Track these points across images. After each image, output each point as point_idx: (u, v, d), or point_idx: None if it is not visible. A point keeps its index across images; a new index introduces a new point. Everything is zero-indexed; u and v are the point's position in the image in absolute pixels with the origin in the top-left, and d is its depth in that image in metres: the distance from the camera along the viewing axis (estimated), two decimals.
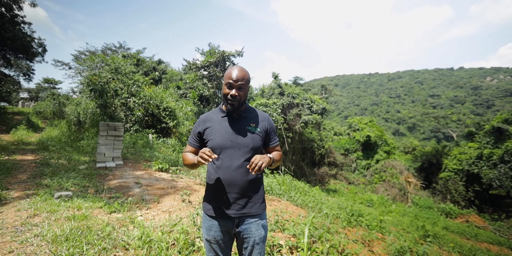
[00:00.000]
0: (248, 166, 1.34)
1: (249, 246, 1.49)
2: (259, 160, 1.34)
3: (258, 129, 1.54)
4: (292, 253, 2.91)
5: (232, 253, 1.65)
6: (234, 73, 1.43)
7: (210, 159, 1.31)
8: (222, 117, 1.55)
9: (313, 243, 3.19)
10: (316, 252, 2.87)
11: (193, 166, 1.50)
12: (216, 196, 1.49)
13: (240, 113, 1.55)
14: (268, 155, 1.46)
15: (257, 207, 1.51)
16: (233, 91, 1.43)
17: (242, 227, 1.48)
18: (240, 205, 1.46)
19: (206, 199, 1.55)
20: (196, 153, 1.61)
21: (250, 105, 1.63)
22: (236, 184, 1.45)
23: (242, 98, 1.47)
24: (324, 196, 7.94)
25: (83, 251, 2.30)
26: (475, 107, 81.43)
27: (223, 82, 1.50)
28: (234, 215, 1.46)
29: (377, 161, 24.87)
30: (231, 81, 1.42)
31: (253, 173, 1.33)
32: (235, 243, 1.60)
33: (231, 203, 1.46)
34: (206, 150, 1.33)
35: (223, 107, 1.58)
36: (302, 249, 2.80)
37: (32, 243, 2.38)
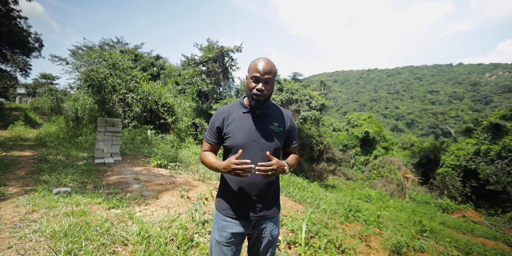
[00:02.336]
0: (257, 168, 1.24)
1: (263, 246, 1.47)
2: (274, 168, 1.25)
3: (281, 129, 1.45)
4: (290, 248, 2.93)
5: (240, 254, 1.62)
6: (260, 65, 1.31)
7: (250, 171, 1.22)
8: (244, 112, 1.43)
9: (311, 238, 3.21)
10: (314, 247, 2.90)
11: (217, 171, 1.35)
12: (234, 197, 1.42)
13: (263, 110, 1.44)
14: (286, 165, 1.33)
15: (274, 209, 1.47)
16: (260, 85, 1.31)
17: (258, 227, 1.44)
18: (259, 208, 1.41)
19: (222, 198, 1.47)
20: (214, 150, 1.52)
21: (272, 101, 1.53)
22: (256, 186, 1.38)
23: (268, 93, 1.35)
24: (322, 192, 7.99)
25: (82, 246, 2.31)
26: (473, 103, 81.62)
27: (247, 75, 1.39)
28: (253, 217, 1.40)
29: (376, 157, 24.98)
30: (257, 74, 1.31)
31: (256, 172, 1.25)
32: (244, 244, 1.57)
33: (250, 205, 1.39)
34: (239, 162, 1.21)
35: (245, 102, 1.46)
36: (300, 244, 2.82)
37: (31, 239, 2.39)
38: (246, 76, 1.40)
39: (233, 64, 17.31)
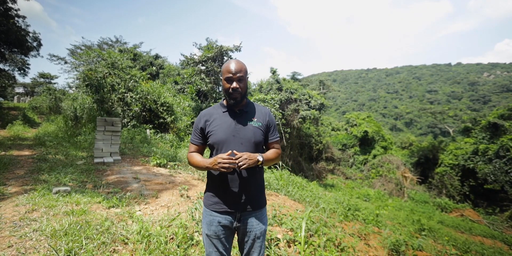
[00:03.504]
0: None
1: (250, 240, 1.51)
2: (245, 159, 1.33)
3: (260, 124, 1.53)
4: (289, 246, 2.95)
5: (231, 247, 1.65)
6: (231, 66, 1.42)
7: (235, 165, 1.31)
8: (224, 112, 1.54)
9: (310, 236, 3.23)
10: (313, 246, 2.91)
11: (204, 169, 1.44)
12: (218, 191, 1.48)
13: (241, 107, 1.54)
14: (258, 156, 1.41)
15: (259, 201, 1.52)
16: (234, 84, 1.42)
17: (244, 221, 1.49)
18: (243, 200, 1.46)
19: (208, 193, 1.54)
20: (200, 151, 1.60)
21: (249, 99, 1.62)
22: (239, 180, 1.44)
23: (243, 90, 1.46)
24: (322, 191, 8.02)
25: (82, 245, 2.32)
26: (471, 102, 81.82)
27: (221, 78, 1.49)
28: (238, 211, 1.46)
29: (374, 156, 25.04)
30: (230, 74, 1.42)
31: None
32: (235, 238, 1.61)
33: (234, 198, 1.45)
34: (226, 156, 1.31)
35: (224, 102, 1.56)
36: (300, 243, 2.83)
37: (31, 238, 2.39)
38: (221, 79, 1.51)
39: None
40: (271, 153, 1.57)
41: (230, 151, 1.36)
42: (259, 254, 1.52)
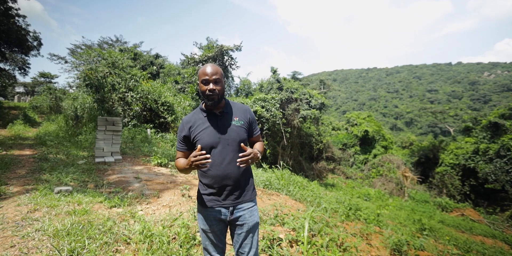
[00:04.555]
0: (239, 160, 1.40)
1: (244, 232, 1.56)
2: (251, 157, 1.42)
3: (242, 122, 1.59)
4: (292, 246, 2.94)
5: (226, 240, 1.70)
6: (207, 69, 1.48)
7: (207, 160, 1.34)
8: (205, 116, 1.58)
9: (313, 236, 3.23)
10: (316, 246, 2.91)
11: (187, 170, 1.49)
12: (212, 190, 1.54)
13: (221, 109, 1.58)
14: (258, 152, 1.50)
15: (249, 194, 1.60)
16: (211, 86, 1.47)
17: (237, 214, 1.55)
18: (235, 195, 1.54)
19: (201, 192, 1.59)
20: (187, 157, 1.62)
21: (229, 99, 1.69)
22: (230, 177, 1.51)
23: (220, 92, 1.50)
24: (322, 191, 8.00)
25: (85, 245, 2.31)
26: (472, 102, 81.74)
27: (198, 82, 1.56)
28: (230, 204, 1.53)
29: (375, 155, 25.03)
30: (206, 77, 1.47)
31: (241, 166, 1.42)
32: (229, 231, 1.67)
33: (227, 195, 1.53)
34: (196, 154, 1.34)
35: (203, 106, 1.61)
36: (302, 243, 2.83)
37: (34, 238, 2.39)
38: (197, 83, 1.58)
39: (232, 63, 17.27)
40: (260, 146, 1.70)
41: (199, 146, 1.37)
42: (252, 246, 1.58)
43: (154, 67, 22.60)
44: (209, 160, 1.35)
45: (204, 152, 1.35)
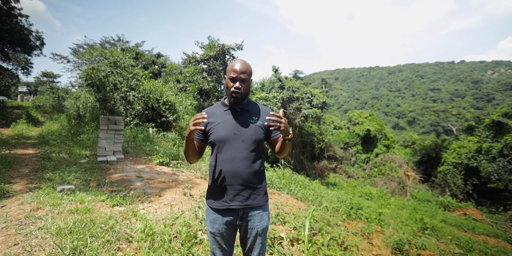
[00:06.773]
0: (267, 118, 1.33)
1: (252, 237, 1.53)
2: (283, 122, 1.33)
3: (261, 122, 1.55)
4: (293, 245, 2.95)
5: (234, 244, 1.68)
6: (237, 66, 1.44)
7: (204, 120, 1.30)
8: (225, 110, 1.56)
9: (314, 235, 3.23)
10: (317, 244, 2.91)
11: (188, 145, 1.45)
12: (220, 188, 1.49)
13: (242, 106, 1.56)
14: (290, 130, 1.44)
15: (260, 198, 1.53)
16: (237, 84, 1.44)
17: (246, 219, 1.51)
18: (244, 197, 1.48)
19: (210, 192, 1.55)
20: (199, 146, 1.59)
21: (250, 99, 1.65)
22: (240, 175, 1.46)
23: (245, 91, 1.48)
24: (324, 190, 8.00)
25: (87, 243, 2.33)
26: (475, 101, 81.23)
27: (225, 76, 1.51)
28: (238, 207, 1.47)
29: (377, 154, 24.96)
30: (234, 74, 1.43)
31: (271, 125, 1.33)
32: (237, 234, 1.63)
33: (235, 195, 1.47)
34: (197, 115, 1.32)
35: (226, 101, 1.59)
36: (303, 241, 2.83)
37: (37, 236, 2.41)
38: (225, 77, 1.51)
39: None
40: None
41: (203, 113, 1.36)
42: (260, 251, 1.56)
43: (156, 66, 22.66)
44: (205, 115, 1.31)
45: (204, 113, 1.34)
